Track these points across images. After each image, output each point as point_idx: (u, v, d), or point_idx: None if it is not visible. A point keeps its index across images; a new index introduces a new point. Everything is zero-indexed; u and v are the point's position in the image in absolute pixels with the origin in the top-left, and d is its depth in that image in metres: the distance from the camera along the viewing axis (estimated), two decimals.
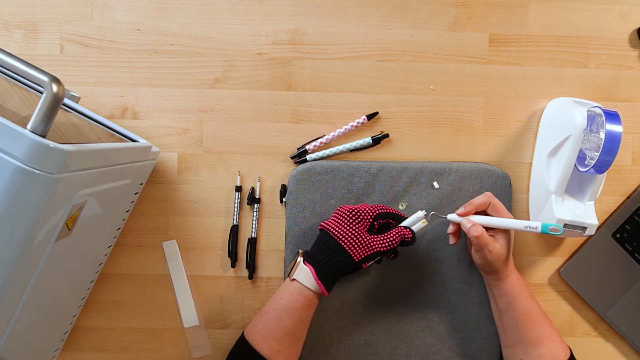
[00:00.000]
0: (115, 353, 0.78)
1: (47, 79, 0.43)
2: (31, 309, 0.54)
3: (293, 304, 0.64)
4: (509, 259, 0.68)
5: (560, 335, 0.68)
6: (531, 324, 0.66)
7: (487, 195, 0.68)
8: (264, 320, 0.65)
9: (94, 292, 0.77)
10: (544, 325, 0.66)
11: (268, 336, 0.63)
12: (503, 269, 0.67)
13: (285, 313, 0.63)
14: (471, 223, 0.66)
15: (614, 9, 0.78)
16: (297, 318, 0.64)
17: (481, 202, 0.67)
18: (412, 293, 0.76)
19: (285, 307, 0.64)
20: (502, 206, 0.67)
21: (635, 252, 0.77)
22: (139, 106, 0.77)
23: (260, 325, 0.65)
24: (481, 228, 0.65)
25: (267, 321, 0.64)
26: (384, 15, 0.77)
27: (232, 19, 0.77)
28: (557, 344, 0.66)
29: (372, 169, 0.76)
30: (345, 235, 0.64)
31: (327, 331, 0.75)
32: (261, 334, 0.64)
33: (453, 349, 0.75)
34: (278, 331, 0.63)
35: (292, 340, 0.64)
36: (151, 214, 0.78)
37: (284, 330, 0.63)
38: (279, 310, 0.64)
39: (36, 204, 0.45)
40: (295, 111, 0.78)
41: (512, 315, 0.67)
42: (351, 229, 0.65)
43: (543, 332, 0.65)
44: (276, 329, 0.63)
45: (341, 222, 0.66)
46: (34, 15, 0.76)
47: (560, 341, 0.67)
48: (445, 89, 0.78)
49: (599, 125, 0.68)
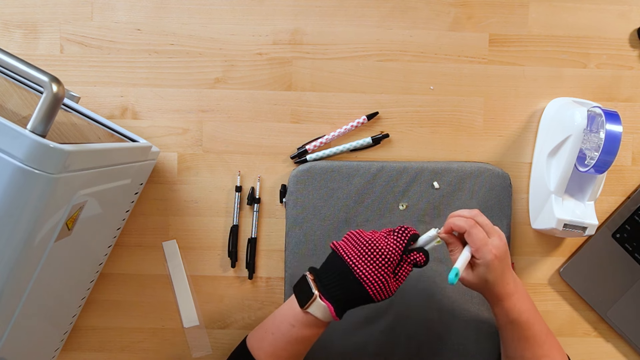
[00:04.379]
0: (115, 353, 0.78)
1: (47, 79, 0.43)
2: (31, 309, 0.54)
3: (305, 334, 0.62)
4: (497, 283, 0.61)
5: (560, 352, 0.65)
6: (528, 345, 0.63)
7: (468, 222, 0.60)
8: (270, 340, 0.63)
9: (94, 292, 0.77)
10: (544, 345, 0.63)
11: (273, 356, 0.62)
12: (494, 292, 0.61)
13: (295, 340, 0.62)
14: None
15: (614, 9, 0.78)
16: (306, 344, 0.63)
17: (459, 225, 0.61)
18: (413, 293, 0.76)
19: (297, 336, 0.62)
20: (478, 236, 0.59)
21: (635, 252, 0.77)
22: (139, 106, 0.77)
23: (265, 344, 0.63)
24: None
25: (274, 342, 0.62)
26: (384, 15, 0.77)
27: (232, 19, 0.77)
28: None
29: (372, 169, 0.76)
30: (373, 281, 0.59)
31: (323, 332, 0.75)
32: (266, 353, 0.63)
33: (454, 349, 0.75)
34: (284, 353, 0.62)
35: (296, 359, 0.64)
36: (151, 214, 0.78)
37: (291, 353, 0.63)
38: (289, 336, 0.62)
39: (36, 204, 0.45)
40: (295, 111, 0.78)
41: (509, 335, 0.64)
42: (379, 273, 0.59)
43: (542, 351, 0.63)
44: (283, 352, 0.62)
45: (368, 263, 0.59)
46: (34, 15, 0.76)
47: (560, 357, 0.65)
48: (445, 89, 0.78)
49: (599, 125, 0.68)
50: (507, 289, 0.61)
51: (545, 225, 0.74)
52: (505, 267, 0.61)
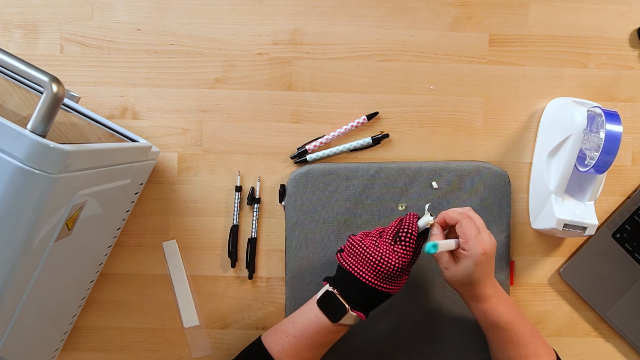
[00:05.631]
0: (115, 353, 0.78)
1: (47, 79, 0.43)
2: (31, 309, 0.54)
3: (333, 338, 0.65)
4: (478, 282, 0.60)
5: (546, 348, 0.65)
6: (512, 345, 0.63)
7: (461, 214, 0.61)
8: (293, 343, 0.63)
9: (94, 292, 0.77)
10: (528, 344, 0.63)
11: (297, 357, 0.64)
12: (474, 292, 0.61)
13: (320, 344, 0.64)
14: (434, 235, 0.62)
15: (614, 9, 0.78)
16: (331, 344, 0.65)
17: (452, 217, 0.62)
18: (413, 293, 0.76)
19: (322, 340, 0.64)
20: (469, 227, 0.59)
21: (635, 252, 0.77)
22: (139, 106, 0.77)
23: (287, 347, 0.63)
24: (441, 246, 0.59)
25: (297, 344, 0.63)
26: (384, 15, 0.77)
27: (232, 19, 0.77)
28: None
29: (371, 170, 0.76)
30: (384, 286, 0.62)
31: None
32: (288, 355, 0.63)
33: (455, 348, 0.75)
34: (307, 355, 0.64)
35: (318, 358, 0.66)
36: (151, 214, 0.78)
37: (314, 355, 0.65)
38: (313, 340, 0.63)
39: (36, 204, 0.45)
40: (295, 111, 0.78)
41: (492, 337, 0.65)
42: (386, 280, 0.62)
43: (527, 351, 0.63)
44: (306, 354, 0.64)
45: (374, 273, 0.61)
46: (34, 15, 0.76)
47: (545, 354, 0.65)
48: (445, 89, 0.78)
49: (599, 125, 0.68)
50: (485, 292, 0.61)
51: (545, 225, 0.74)
52: (490, 269, 0.61)
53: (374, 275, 0.61)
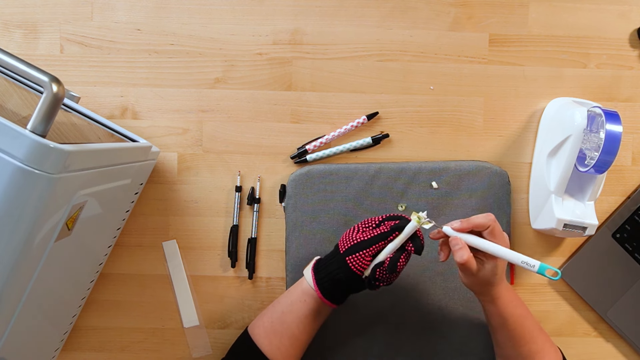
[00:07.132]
0: (115, 353, 0.78)
1: (47, 79, 0.43)
2: (31, 309, 0.54)
3: (294, 301, 0.65)
4: (497, 282, 0.62)
5: (553, 346, 0.67)
6: (524, 342, 0.65)
7: (489, 217, 0.60)
8: (268, 314, 0.67)
9: (94, 292, 0.77)
10: (538, 340, 0.65)
11: (270, 330, 0.65)
12: (491, 291, 0.63)
13: (286, 307, 0.65)
14: (459, 245, 0.58)
15: (614, 9, 0.78)
16: (296, 314, 0.64)
17: (480, 222, 0.59)
18: (413, 293, 0.76)
19: (289, 304, 0.65)
20: (501, 232, 0.60)
21: (635, 252, 0.77)
22: (139, 106, 0.77)
23: (264, 319, 0.66)
24: (468, 254, 0.58)
25: (271, 315, 0.66)
26: (384, 15, 0.77)
27: (232, 19, 0.77)
28: (550, 357, 0.66)
29: (370, 170, 0.76)
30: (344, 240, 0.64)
31: (326, 333, 0.75)
32: (264, 328, 0.65)
33: (456, 348, 0.75)
34: (279, 326, 0.65)
35: (290, 341, 0.64)
36: (151, 214, 0.78)
37: (284, 325, 0.64)
38: (281, 304, 0.66)
39: (36, 204, 0.45)
40: (295, 111, 0.78)
41: (504, 334, 0.65)
42: (350, 236, 0.64)
43: (536, 347, 0.65)
44: (277, 323, 0.65)
45: (349, 240, 0.64)
46: (34, 15, 0.76)
47: (553, 351, 0.67)
48: (445, 89, 0.78)
49: (599, 125, 0.68)
50: (502, 289, 0.64)
51: (545, 225, 0.74)
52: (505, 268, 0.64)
53: (344, 243, 0.63)
